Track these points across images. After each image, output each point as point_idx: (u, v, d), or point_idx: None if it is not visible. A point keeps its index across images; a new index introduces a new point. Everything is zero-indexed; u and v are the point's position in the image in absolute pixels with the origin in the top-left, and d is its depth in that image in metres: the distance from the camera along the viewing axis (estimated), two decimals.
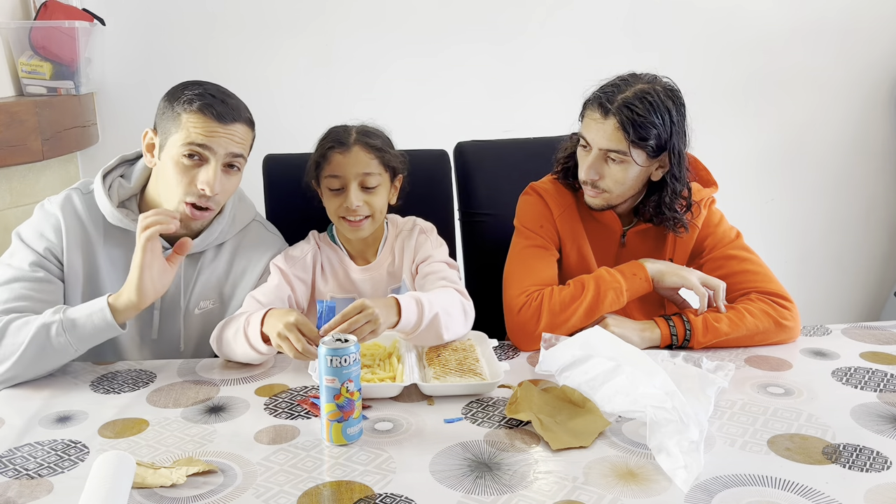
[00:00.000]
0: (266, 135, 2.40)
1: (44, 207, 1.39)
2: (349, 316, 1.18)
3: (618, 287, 1.41)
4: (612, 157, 1.40)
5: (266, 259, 1.50)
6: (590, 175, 1.43)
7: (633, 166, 1.40)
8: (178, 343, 1.45)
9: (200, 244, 1.42)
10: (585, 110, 1.45)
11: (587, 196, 1.48)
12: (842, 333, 1.46)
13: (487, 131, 1.96)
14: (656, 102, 1.36)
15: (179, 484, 0.96)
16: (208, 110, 1.30)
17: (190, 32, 2.45)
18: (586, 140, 1.43)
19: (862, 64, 2.70)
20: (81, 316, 1.25)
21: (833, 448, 1.03)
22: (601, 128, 1.39)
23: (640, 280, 1.43)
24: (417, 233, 1.56)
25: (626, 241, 1.54)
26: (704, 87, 2.63)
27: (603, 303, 1.40)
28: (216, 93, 1.34)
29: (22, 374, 1.25)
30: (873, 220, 2.89)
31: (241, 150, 1.36)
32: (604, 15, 2.55)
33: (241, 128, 1.34)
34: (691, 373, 1.19)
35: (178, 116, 1.31)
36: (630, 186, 1.44)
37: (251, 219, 1.52)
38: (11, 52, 2.21)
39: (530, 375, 1.28)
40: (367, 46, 2.51)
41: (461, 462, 1.01)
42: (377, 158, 1.47)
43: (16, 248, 1.36)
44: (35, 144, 2.05)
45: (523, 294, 1.43)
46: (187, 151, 1.30)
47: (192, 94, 1.31)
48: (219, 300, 1.47)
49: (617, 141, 1.38)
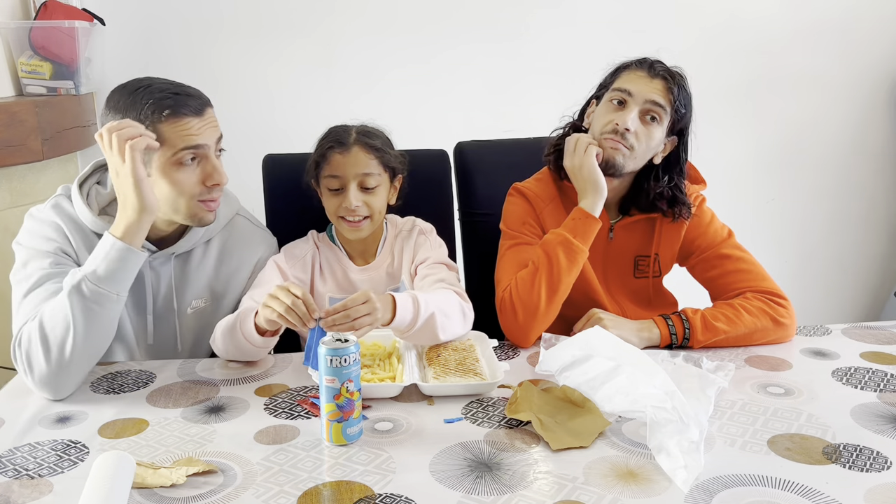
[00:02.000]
0: (266, 135, 2.42)
1: (36, 216, 1.35)
2: (354, 303, 1.17)
3: (564, 240, 1.39)
4: (651, 115, 1.42)
5: (257, 256, 1.49)
6: (626, 122, 1.41)
7: (660, 130, 1.43)
8: (174, 345, 1.44)
9: (187, 243, 1.40)
10: (624, 71, 1.47)
11: (608, 149, 1.42)
12: (842, 333, 1.46)
13: (487, 131, 1.96)
14: (687, 83, 1.46)
15: (179, 484, 0.96)
16: (183, 110, 1.26)
17: (190, 33, 2.45)
18: (629, 92, 1.43)
19: (862, 64, 2.70)
20: (98, 262, 1.21)
21: (833, 448, 1.03)
22: (649, 83, 1.42)
23: (582, 221, 1.40)
24: (417, 233, 1.56)
25: (614, 234, 1.54)
26: (704, 87, 2.60)
27: (558, 264, 1.38)
28: (175, 89, 1.28)
29: (86, 347, 1.20)
30: (873, 220, 2.89)
31: (220, 130, 1.33)
32: (604, 15, 2.55)
33: (211, 111, 1.32)
34: (691, 373, 1.19)
35: (153, 130, 1.24)
36: (646, 152, 1.45)
37: (234, 212, 1.51)
38: (11, 52, 2.21)
39: (530, 375, 1.28)
40: (367, 46, 2.51)
41: (461, 462, 1.01)
42: (377, 159, 1.47)
43: (25, 257, 1.31)
44: (35, 144, 2.05)
45: (505, 291, 1.43)
46: (182, 157, 1.27)
47: (155, 101, 1.24)
48: (210, 298, 1.46)
49: (663, 96, 1.41)
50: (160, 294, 1.41)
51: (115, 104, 1.28)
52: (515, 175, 1.66)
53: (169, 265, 1.40)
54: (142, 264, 1.26)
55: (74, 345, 1.19)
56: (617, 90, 1.45)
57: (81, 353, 1.20)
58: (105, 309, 1.21)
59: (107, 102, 1.30)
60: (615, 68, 1.50)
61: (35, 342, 1.19)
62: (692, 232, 1.53)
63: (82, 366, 1.22)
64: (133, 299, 1.39)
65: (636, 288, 1.56)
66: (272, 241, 1.56)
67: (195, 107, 1.28)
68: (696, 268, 1.54)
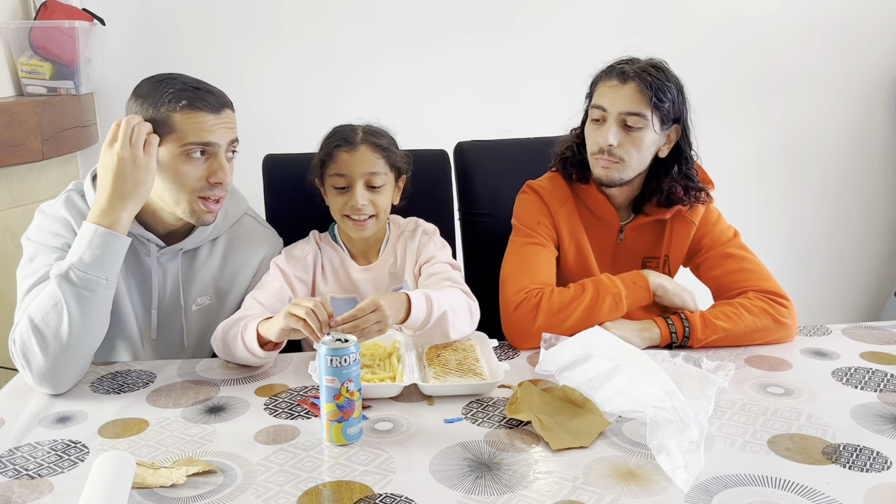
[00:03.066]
0: (266, 135, 2.41)
1: (46, 211, 1.36)
2: (364, 312, 1.18)
3: (617, 293, 1.41)
4: (630, 124, 1.41)
5: (261, 255, 1.50)
6: (607, 140, 1.41)
7: (649, 133, 1.42)
8: (180, 341, 1.45)
9: (195, 240, 1.41)
10: (598, 84, 1.46)
11: (599, 168, 1.46)
12: (842, 333, 1.46)
13: (487, 131, 1.96)
14: (668, 71, 1.45)
15: (179, 484, 0.96)
16: (200, 104, 1.28)
17: (190, 32, 2.45)
18: (603, 108, 1.43)
19: (862, 64, 2.70)
20: (81, 250, 1.21)
21: (833, 448, 1.03)
22: (619, 92, 1.41)
23: (641, 289, 1.42)
24: (420, 234, 1.56)
25: (624, 235, 1.54)
26: (704, 87, 2.60)
27: (601, 308, 1.40)
28: (197, 84, 1.31)
29: (83, 334, 1.20)
30: (873, 219, 2.89)
31: (236, 134, 1.35)
32: (604, 15, 2.55)
33: (230, 113, 1.34)
34: (691, 373, 1.19)
35: (168, 118, 1.27)
36: (642, 157, 1.45)
37: (243, 212, 1.52)
38: (11, 52, 2.21)
39: (530, 375, 1.28)
40: (367, 46, 2.51)
41: (461, 462, 1.01)
42: (383, 158, 1.47)
43: (32, 252, 1.32)
44: (35, 144, 2.05)
45: (521, 291, 1.43)
46: (191, 151, 1.28)
47: (175, 92, 1.27)
48: (216, 295, 1.46)
49: (637, 102, 1.40)
50: (166, 290, 1.42)
51: (140, 90, 1.32)
52: (515, 175, 1.66)
53: (176, 261, 1.41)
54: (126, 248, 1.26)
55: (71, 332, 1.20)
56: (594, 107, 1.46)
57: (79, 341, 1.21)
58: (97, 295, 1.22)
59: (134, 90, 1.33)
60: (592, 80, 1.50)
61: (29, 336, 1.20)
62: (699, 231, 1.53)
63: (80, 355, 1.23)
64: (139, 294, 1.40)
65: None
66: (278, 240, 1.56)
67: (213, 104, 1.30)
68: (700, 266, 1.54)
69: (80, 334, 1.21)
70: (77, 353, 1.22)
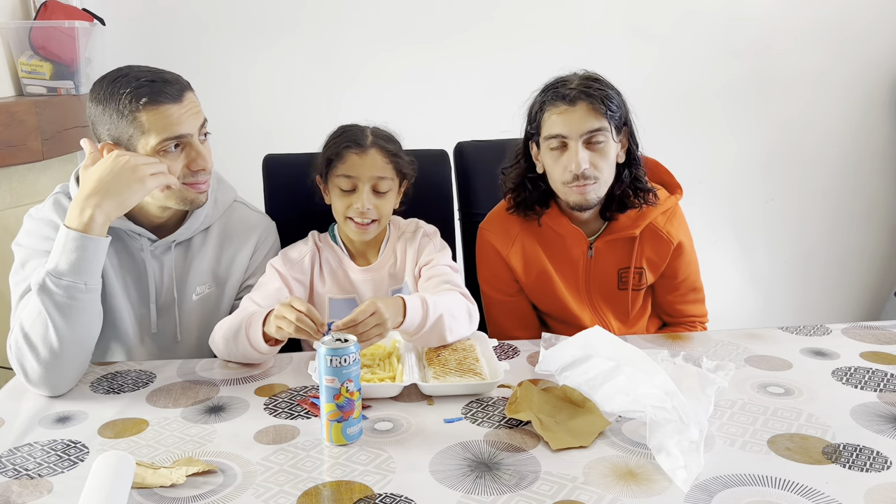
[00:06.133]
0: (266, 135, 2.42)
1: (34, 215, 1.35)
2: (364, 315, 1.18)
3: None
4: (594, 141, 1.40)
5: (255, 236, 1.50)
6: (580, 165, 1.39)
7: (611, 144, 1.42)
8: (181, 333, 1.45)
9: (187, 231, 1.41)
10: (544, 112, 1.43)
11: (575, 195, 1.43)
12: (842, 333, 1.46)
13: (487, 131, 1.96)
14: (602, 78, 1.44)
15: (179, 484, 0.96)
16: (161, 97, 1.26)
17: (190, 33, 2.45)
18: (562, 135, 1.41)
19: (862, 64, 2.70)
20: (57, 257, 1.20)
21: (833, 448, 1.03)
22: (573, 115, 1.39)
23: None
24: (421, 235, 1.56)
25: (594, 251, 1.54)
26: (704, 87, 2.63)
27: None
28: (151, 76, 1.28)
29: (73, 340, 1.20)
30: (873, 219, 2.89)
31: (203, 115, 1.34)
32: (603, 15, 2.55)
33: (192, 95, 1.32)
34: (691, 372, 1.19)
35: (134, 119, 1.25)
36: (611, 170, 1.45)
37: (232, 199, 1.52)
38: (11, 52, 2.21)
39: (530, 375, 1.28)
40: (367, 46, 2.51)
41: (461, 462, 1.01)
42: (392, 163, 1.46)
43: (23, 257, 1.32)
44: (35, 144, 2.04)
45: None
46: (166, 146, 1.27)
47: (132, 90, 1.24)
48: (214, 283, 1.47)
49: (594, 119, 1.39)
50: (163, 283, 1.42)
51: (97, 95, 1.29)
52: None
53: (170, 254, 1.41)
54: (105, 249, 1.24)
55: (59, 339, 1.19)
56: (549, 138, 1.43)
57: (69, 347, 1.20)
58: (78, 301, 1.20)
59: (90, 93, 1.30)
60: (531, 110, 1.47)
61: (21, 344, 1.20)
62: (675, 252, 1.55)
63: (73, 360, 1.23)
64: (136, 289, 1.40)
65: (622, 300, 1.57)
66: (270, 223, 1.56)
67: (172, 93, 1.27)
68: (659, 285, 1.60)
69: (69, 340, 1.20)
70: (69, 359, 1.21)
